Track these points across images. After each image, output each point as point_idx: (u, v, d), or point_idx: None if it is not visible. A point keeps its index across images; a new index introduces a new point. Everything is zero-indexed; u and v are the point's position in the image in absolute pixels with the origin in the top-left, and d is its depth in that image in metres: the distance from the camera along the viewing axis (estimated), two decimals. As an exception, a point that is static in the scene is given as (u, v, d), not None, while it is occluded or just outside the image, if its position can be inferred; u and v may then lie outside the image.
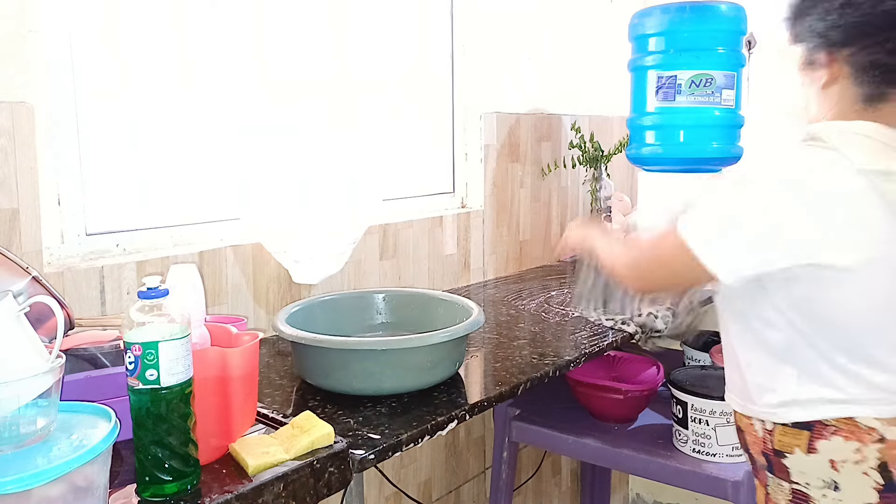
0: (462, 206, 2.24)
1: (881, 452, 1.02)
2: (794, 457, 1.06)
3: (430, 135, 2.17)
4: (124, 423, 0.84)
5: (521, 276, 2.31)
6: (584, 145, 2.40)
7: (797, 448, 1.06)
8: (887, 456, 1.01)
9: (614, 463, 1.66)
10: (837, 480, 1.03)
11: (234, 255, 1.57)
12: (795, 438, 1.06)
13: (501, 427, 1.77)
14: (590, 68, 2.64)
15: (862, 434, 1.02)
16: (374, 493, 1.91)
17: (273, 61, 1.48)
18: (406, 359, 1.25)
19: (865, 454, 1.02)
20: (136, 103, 1.49)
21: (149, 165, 1.52)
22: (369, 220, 1.71)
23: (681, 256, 1.05)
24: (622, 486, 2.72)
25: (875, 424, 1.02)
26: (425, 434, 1.15)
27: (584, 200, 2.66)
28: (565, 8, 2.53)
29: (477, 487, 2.23)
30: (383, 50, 1.75)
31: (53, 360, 0.82)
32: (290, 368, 1.41)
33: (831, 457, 1.03)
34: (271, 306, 1.65)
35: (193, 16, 1.54)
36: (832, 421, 1.03)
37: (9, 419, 0.77)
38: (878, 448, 1.02)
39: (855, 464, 1.02)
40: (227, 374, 0.98)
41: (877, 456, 1.02)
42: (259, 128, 1.48)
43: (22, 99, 1.26)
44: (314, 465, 0.98)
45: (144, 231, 1.49)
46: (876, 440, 1.02)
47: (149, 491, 0.88)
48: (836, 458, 1.03)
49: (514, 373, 1.40)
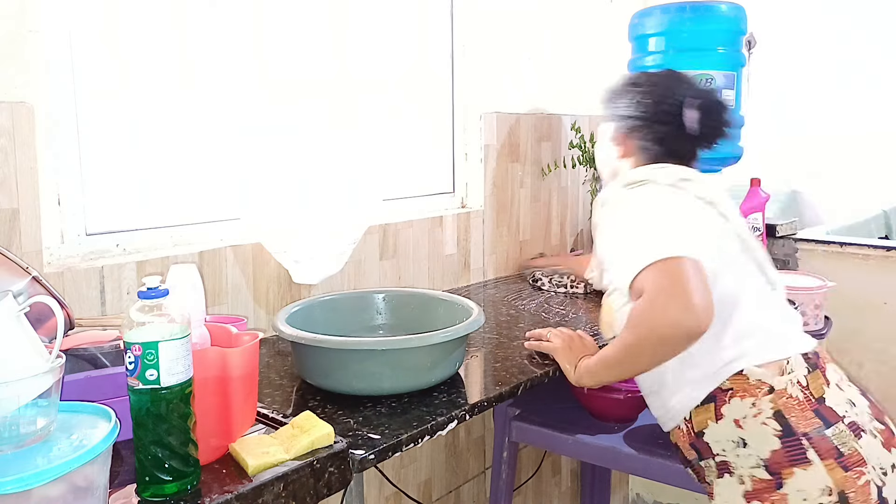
0: (462, 206, 2.24)
1: (773, 402, 1.17)
2: (709, 429, 1.22)
3: (430, 135, 2.17)
4: (124, 423, 0.84)
5: (521, 276, 2.31)
6: (584, 145, 2.40)
7: (709, 420, 1.21)
8: (779, 404, 1.17)
9: (614, 463, 1.66)
10: (744, 437, 1.18)
11: (234, 255, 1.57)
12: (706, 413, 1.22)
13: (501, 427, 1.77)
14: (590, 68, 2.64)
15: (753, 389, 1.19)
16: (374, 493, 1.91)
17: (273, 61, 1.48)
18: (406, 359, 1.25)
19: (760, 407, 1.18)
20: (136, 103, 1.49)
21: (149, 165, 1.52)
22: (369, 220, 1.71)
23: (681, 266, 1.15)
24: (622, 486, 2.72)
25: (761, 374, 1.19)
26: (425, 434, 1.15)
27: (584, 200, 2.66)
28: (565, 8, 2.53)
29: (477, 487, 2.23)
30: (383, 50, 1.75)
31: (53, 360, 0.82)
32: (290, 368, 1.41)
33: (734, 416, 1.19)
34: (271, 306, 1.65)
35: (193, 16, 1.54)
36: (727, 384, 1.20)
37: (9, 419, 0.77)
38: (769, 399, 1.18)
39: (754, 417, 1.17)
40: (227, 374, 0.98)
41: (770, 406, 1.17)
42: (259, 128, 1.48)
43: (22, 99, 1.26)
44: (314, 465, 0.99)
45: (144, 231, 1.49)
46: (766, 392, 1.18)
47: (149, 491, 0.88)
48: (738, 416, 1.18)
49: (514, 373, 1.40)
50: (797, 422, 1.17)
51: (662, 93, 1.38)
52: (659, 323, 1.13)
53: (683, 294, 1.12)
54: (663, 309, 1.13)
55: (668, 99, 1.37)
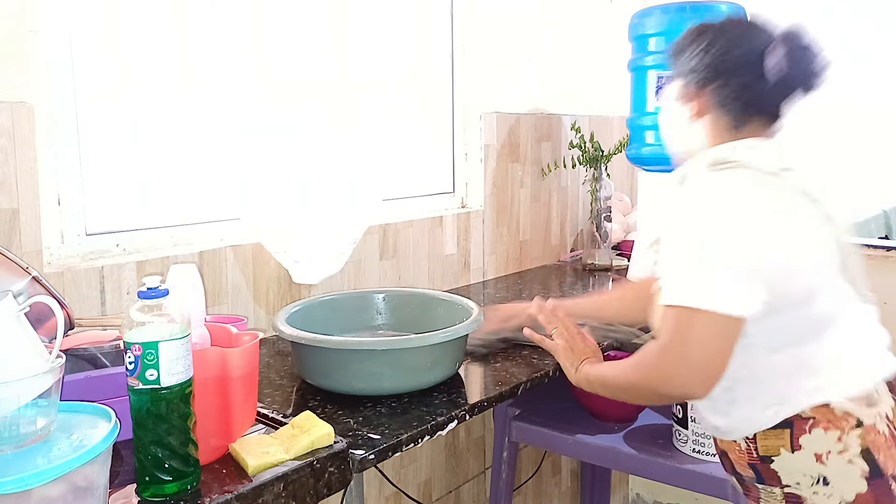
0: (462, 206, 2.24)
1: (862, 438, 1.03)
2: (781, 458, 1.07)
3: (430, 135, 2.17)
4: (124, 423, 0.84)
5: (521, 276, 2.31)
6: (584, 145, 2.40)
7: (782, 448, 1.07)
8: (867, 441, 1.03)
9: (614, 463, 1.66)
10: (825, 474, 1.04)
11: (234, 255, 1.57)
12: (778, 439, 1.07)
13: (501, 427, 1.77)
14: (590, 68, 2.64)
15: (840, 422, 1.04)
16: (374, 493, 1.91)
17: (273, 61, 1.48)
18: (406, 359, 1.25)
19: (847, 443, 1.04)
20: (136, 103, 1.49)
21: (149, 165, 1.52)
22: (369, 220, 1.71)
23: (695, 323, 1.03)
24: (622, 486, 2.72)
25: (849, 408, 1.04)
26: (425, 434, 1.15)
27: (584, 200, 2.66)
28: (565, 8, 2.53)
29: (477, 487, 2.22)
30: (383, 50, 1.76)
31: (53, 360, 0.82)
32: (290, 368, 1.41)
33: (815, 450, 1.05)
34: (271, 306, 1.65)
35: (193, 16, 1.54)
36: (809, 412, 1.05)
37: (9, 419, 0.77)
38: (858, 434, 1.04)
39: (839, 454, 1.04)
40: (227, 374, 0.98)
41: (858, 443, 1.03)
42: (259, 128, 1.48)
43: (22, 99, 1.26)
44: (314, 465, 0.98)
45: (144, 231, 1.49)
46: (854, 426, 1.04)
47: (149, 491, 0.88)
48: (821, 450, 1.04)
49: (514, 373, 1.40)
50: (885, 461, 1.03)
51: (738, 37, 1.17)
52: (657, 376, 1.07)
53: (688, 360, 1.03)
54: (664, 364, 1.06)
55: (744, 43, 1.16)
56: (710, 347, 1.03)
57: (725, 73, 1.17)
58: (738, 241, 1.03)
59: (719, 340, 1.03)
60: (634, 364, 1.12)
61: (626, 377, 1.14)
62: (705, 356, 1.03)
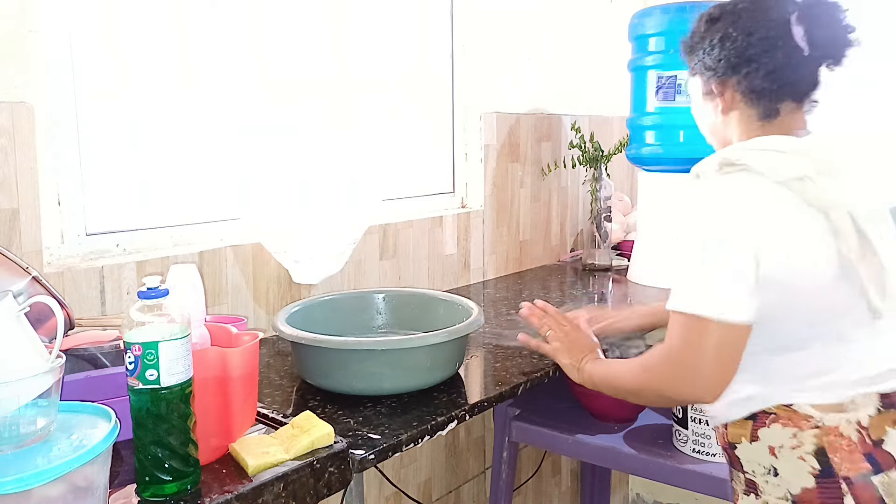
0: (462, 206, 2.24)
1: (818, 438, 1.04)
2: (741, 446, 1.11)
3: (430, 135, 2.17)
4: (124, 423, 0.84)
5: (521, 276, 2.31)
6: (584, 145, 2.40)
7: (743, 437, 1.10)
8: (824, 441, 1.04)
9: (614, 463, 1.66)
10: (776, 466, 1.07)
11: (234, 255, 1.57)
12: (742, 429, 1.11)
13: (501, 427, 1.77)
14: (590, 68, 2.65)
15: (799, 420, 1.05)
16: (374, 493, 1.91)
17: (273, 61, 1.48)
18: (406, 359, 1.25)
19: (802, 440, 1.05)
20: (136, 103, 1.49)
21: (149, 165, 1.52)
22: (369, 220, 1.71)
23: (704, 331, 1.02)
24: (622, 486, 2.72)
25: (811, 412, 1.05)
26: (425, 434, 1.15)
27: (584, 200, 2.66)
28: (565, 8, 2.53)
29: (477, 487, 2.22)
30: (383, 50, 1.75)
31: (53, 360, 0.82)
32: (290, 368, 1.41)
33: (770, 443, 1.07)
34: (271, 306, 1.65)
35: (193, 16, 1.54)
36: (773, 409, 1.07)
37: (9, 419, 0.77)
38: (814, 433, 1.04)
39: (791, 449, 1.05)
40: (227, 374, 0.98)
41: (813, 441, 1.04)
42: (259, 128, 1.48)
43: (22, 99, 1.26)
44: (314, 465, 0.99)
45: (144, 231, 1.49)
46: (812, 426, 1.05)
47: (149, 491, 0.88)
48: (774, 443, 1.07)
49: (514, 373, 1.40)
50: (840, 464, 1.03)
51: (753, 19, 1.10)
52: (664, 382, 1.08)
53: (694, 368, 1.04)
54: (671, 370, 1.07)
55: (761, 25, 1.09)
56: (719, 356, 1.03)
57: (746, 64, 1.10)
58: (741, 246, 1.01)
59: (728, 349, 1.03)
60: (642, 368, 1.12)
61: (632, 381, 1.15)
62: (714, 364, 1.03)
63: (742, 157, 1.07)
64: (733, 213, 1.04)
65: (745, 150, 1.09)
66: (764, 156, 1.07)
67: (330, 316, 1.50)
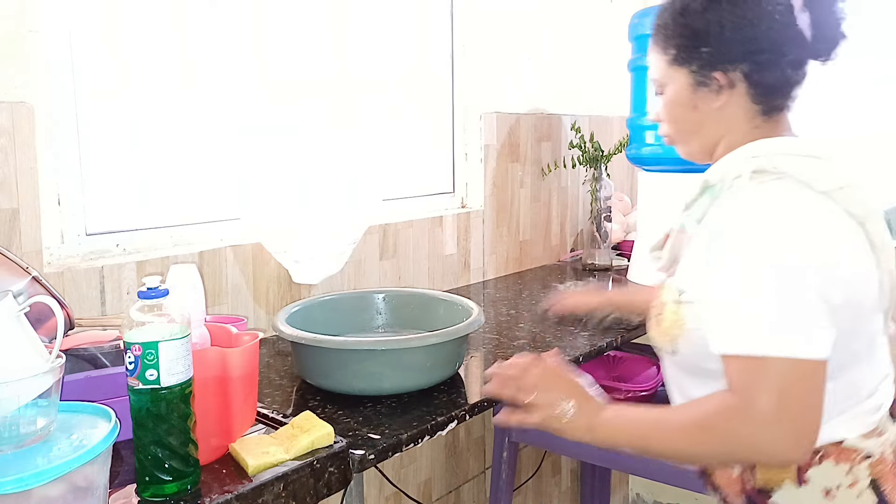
0: (462, 206, 2.24)
1: (870, 469, 0.94)
2: (783, 492, 0.95)
3: (430, 135, 2.17)
4: (124, 423, 0.84)
5: (521, 276, 2.31)
6: (584, 145, 2.40)
7: (786, 480, 0.94)
8: (875, 472, 0.94)
9: (614, 463, 1.66)
10: None
11: (234, 255, 1.57)
12: (782, 471, 0.94)
13: (501, 427, 1.77)
14: (590, 68, 2.64)
15: (849, 453, 0.94)
16: (374, 493, 1.91)
17: (273, 61, 1.48)
18: (406, 359, 1.25)
19: (857, 475, 0.93)
20: (136, 103, 1.49)
21: (149, 165, 1.52)
22: (369, 220, 1.71)
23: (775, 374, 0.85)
24: (622, 486, 2.72)
25: (858, 443, 0.95)
26: (425, 434, 1.15)
27: (584, 200, 2.66)
28: (565, 8, 2.53)
29: (477, 487, 2.22)
30: (383, 50, 1.75)
31: (53, 360, 0.82)
32: (290, 368, 1.41)
33: (825, 485, 0.93)
34: (271, 306, 1.65)
35: (193, 16, 1.54)
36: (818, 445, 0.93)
37: (9, 419, 0.77)
38: (866, 466, 0.94)
39: (849, 487, 0.93)
40: (227, 374, 0.98)
41: (867, 474, 0.93)
42: (259, 128, 1.48)
43: (22, 99, 1.26)
44: (314, 465, 0.99)
45: (144, 231, 1.49)
46: (862, 458, 0.94)
47: (149, 491, 0.88)
48: (830, 484, 0.93)
49: (514, 373, 1.40)
50: (891, 493, 0.93)
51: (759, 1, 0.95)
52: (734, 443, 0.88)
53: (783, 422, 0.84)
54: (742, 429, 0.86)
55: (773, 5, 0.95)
56: (813, 398, 0.86)
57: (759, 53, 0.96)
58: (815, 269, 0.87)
59: (818, 391, 0.86)
60: (698, 427, 0.90)
61: (687, 445, 0.92)
62: (804, 411, 0.85)
63: (779, 163, 0.94)
64: (797, 231, 0.89)
65: (780, 156, 0.95)
66: (803, 162, 0.94)
67: (330, 316, 1.50)
